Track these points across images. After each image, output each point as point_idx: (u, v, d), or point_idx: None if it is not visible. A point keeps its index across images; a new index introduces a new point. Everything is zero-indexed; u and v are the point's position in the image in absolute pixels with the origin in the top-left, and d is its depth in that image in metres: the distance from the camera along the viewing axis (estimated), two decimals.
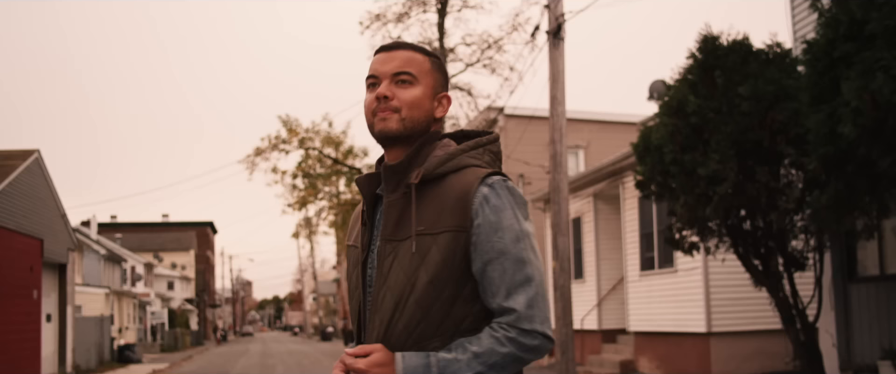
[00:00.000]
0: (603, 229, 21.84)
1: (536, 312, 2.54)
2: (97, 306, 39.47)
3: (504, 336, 2.51)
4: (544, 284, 2.59)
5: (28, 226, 23.61)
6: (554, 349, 17.08)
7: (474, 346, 2.51)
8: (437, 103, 2.75)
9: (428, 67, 2.73)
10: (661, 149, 11.52)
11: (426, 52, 2.76)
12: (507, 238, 2.56)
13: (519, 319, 2.52)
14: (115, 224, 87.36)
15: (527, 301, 2.53)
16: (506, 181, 2.63)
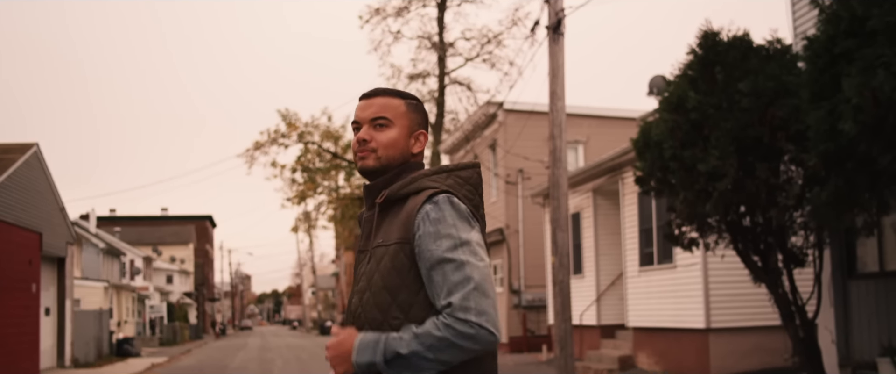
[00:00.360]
0: (602, 224, 21.83)
1: (472, 304, 2.74)
2: (96, 300, 39.44)
3: (441, 323, 2.74)
4: (487, 283, 2.79)
5: (27, 219, 23.59)
6: (553, 344, 17.08)
7: (416, 329, 2.77)
8: (413, 140, 3.10)
9: (403, 109, 3.09)
10: (661, 145, 11.50)
11: (403, 96, 3.11)
12: (445, 245, 2.82)
13: (454, 310, 2.74)
14: (114, 218, 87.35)
15: (462, 296, 2.75)
16: (450, 197, 2.89)
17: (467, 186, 3.03)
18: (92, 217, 60.37)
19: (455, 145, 35.45)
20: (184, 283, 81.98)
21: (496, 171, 30.38)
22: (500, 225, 29.84)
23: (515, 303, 29.22)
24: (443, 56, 38.74)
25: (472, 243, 2.85)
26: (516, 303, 29.19)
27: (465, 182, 3.03)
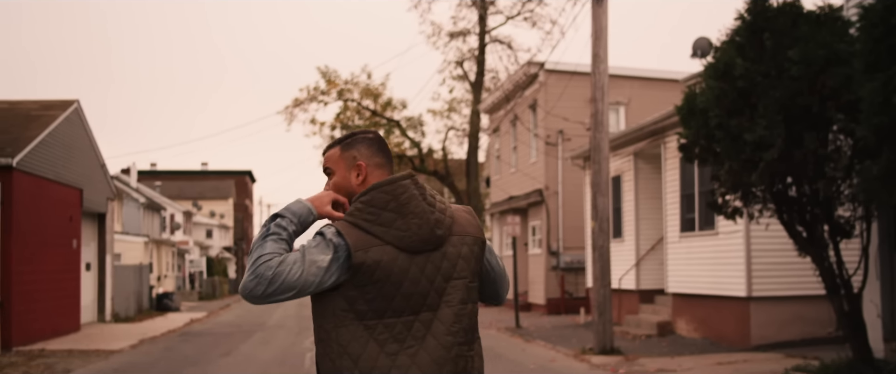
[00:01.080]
0: (643, 188, 21.57)
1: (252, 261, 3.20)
2: (136, 255, 39.79)
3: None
4: (283, 268, 3.15)
5: (67, 176, 23.72)
6: (591, 307, 16.95)
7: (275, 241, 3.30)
8: (354, 173, 3.46)
9: (338, 154, 3.50)
10: (707, 113, 11.23)
11: (338, 142, 3.53)
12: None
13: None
14: (154, 172, 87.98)
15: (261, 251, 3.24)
16: (323, 230, 3.31)
17: (368, 208, 3.27)
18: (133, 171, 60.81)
19: (495, 105, 35.19)
20: (223, 237, 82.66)
21: (536, 131, 30.12)
22: (539, 186, 29.63)
23: (553, 265, 29.08)
24: (484, 14, 38.37)
25: (305, 251, 3.23)
26: (554, 265, 29.06)
27: (366, 205, 3.28)
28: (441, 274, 3.27)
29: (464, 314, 3.29)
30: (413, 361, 3.18)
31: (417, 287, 3.21)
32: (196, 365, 16.31)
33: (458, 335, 3.26)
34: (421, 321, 3.22)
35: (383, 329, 3.18)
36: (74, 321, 24.39)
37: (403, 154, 44.87)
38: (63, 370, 16.08)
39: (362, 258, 3.15)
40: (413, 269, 3.21)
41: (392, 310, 3.18)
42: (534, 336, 20.58)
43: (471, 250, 3.36)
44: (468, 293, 3.32)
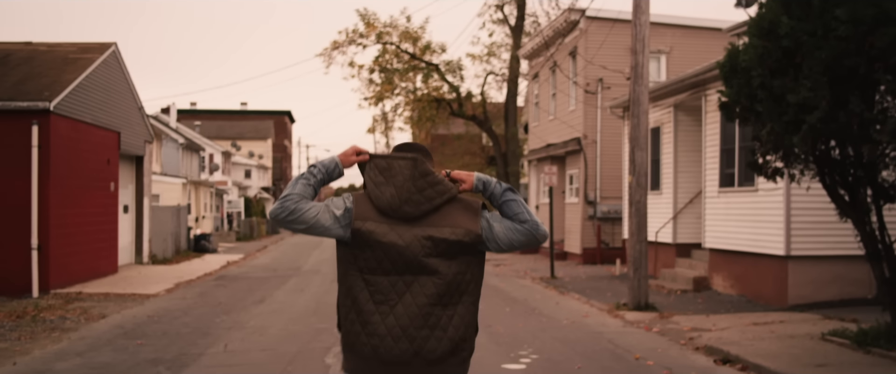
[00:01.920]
0: (682, 140, 21.24)
1: (283, 194, 4.35)
2: (174, 196, 40.03)
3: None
4: (302, 206, 4.25)
5: (105, 119, 23.76)
6: (627, 262, 16.77)
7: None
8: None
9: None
10: (749, 72, 10.91)
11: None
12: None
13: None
14: (194, 111, 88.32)
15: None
16: (347, 197, 4.34)
17: (374, 170, 4.34)
18: (172, 111, 61.03)
19: (534, 51, 34.77)
20: (262, 178, 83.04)
21: (575, 79, 29.73)
22: (577, 135, 29.33)
23: (590, 214, 28.87)
24: None
25: (328, 203, 4.34)
26: (591, 214, 28.85)
27: (373, 167, 4.35)
28: (424, 250, 4.15)
29: (442, 283, 4.15)
30: (391, 310, 4.12)
31: (402, 256, 4.14)
32: (229, 313, 16.35)
33: (432, 298, 4.14)
34: (404, 281, 4.14)
35: (374, 282, 4.16)
36: (112, 264, 24.59)
37: (442, 98, 44.63)
38: (98, 315, 16.19)
39: (360, 226, 4.17)
40: (398, 241, 4.15)
41: (381, 269, 4.15)
42: (568, 288, 20.47)
43: (459, 239, 4.20)
44: (449, 269, 4.17)
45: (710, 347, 11.81)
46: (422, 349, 4.11)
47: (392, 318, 4.11)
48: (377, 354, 4.12)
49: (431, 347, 4.12)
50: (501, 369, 10.57)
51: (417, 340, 4.10)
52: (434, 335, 4.12)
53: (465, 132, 57.08)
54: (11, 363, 11.22)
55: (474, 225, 4.23)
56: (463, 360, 4.27)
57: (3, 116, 19.49)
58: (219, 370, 10.62)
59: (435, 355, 4.13)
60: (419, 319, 4.11)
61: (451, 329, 4.15)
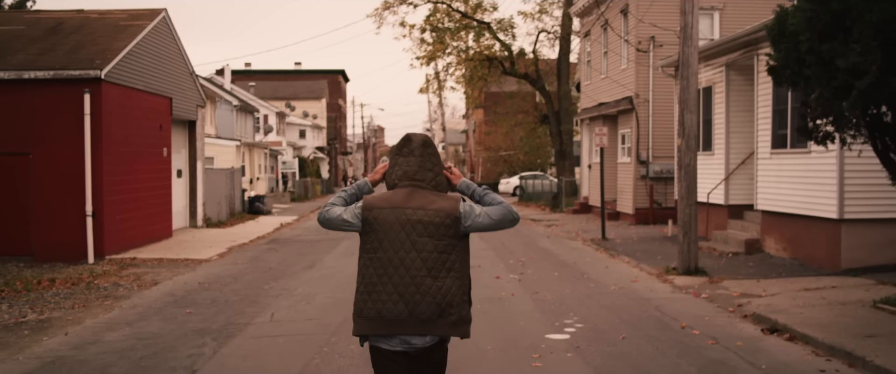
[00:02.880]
0: (734, 100, 20.89)
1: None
2: (228, 159, 40.36)
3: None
4: (332, 212, 5.42)
5: (156, 85, 23.96)
6: (678, 227, 16.61)
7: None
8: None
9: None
10: (797, 36, 10.66)
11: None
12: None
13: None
14: (248, 72, 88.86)
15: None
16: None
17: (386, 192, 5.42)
18: (227, 73, 61.45)
19: (586, 8, 34.36)
20: (316, 138, 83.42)
21: (627, 37, 29.35)
22: (629, 94, 29.01)
23: (642, 174, 28.62)
24: None
25: (353, 207, 5.43)
26: (643, 174, 28.60)
27: (387, 189, 5.49)
28: (415, 231, 5.19)
29: (429, 258, 5.17)
30: (390, 280, 5.15)
31: (397, 238, 5.19)
32: (278, 279, 16.49)
33: (421, 270, 5.15)
34: (398, 258, 5.17)
35: (376, 259, 5.21)
36: (166, 228, 24.91)
37: (493, 57, 44.33)
38: (151, 282, 16.42)
39: (367, 215, 5.27)
40: (395, 224, 5.20)
41: (382, 249, 5.20)
42: (618, 251, 20.34)
43: (442, 221, 5.22)
44: (435, 247, 5.19)
45: (758, 315, 11.67)
46: (414, 310, 5.12)
47: (390, 286, 5.14)
48: (380, 315, 5.14)
49: (422, 309, 5.12)
50: (545, 338, 10.54)
51: (411, 303, 5.12)
52: (425, 299, 5.13)
53: (518, 90, 56.72)
54: (64, 334, 11.43)
55: (454, 209, 5.26)
56: (454, 323, 5.19)
57: (56, 84, 19.74)
58: (263, 340, 10.71)
59: (425, 315, 5.13)
60: (412, 286, 5.13)
61: (438, 296, 5.15)
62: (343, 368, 9.14)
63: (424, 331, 5.13)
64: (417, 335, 5.15)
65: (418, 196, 5.29)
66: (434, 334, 5.17)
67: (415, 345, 5.16)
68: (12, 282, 16.18)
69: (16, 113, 19.88)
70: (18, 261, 19.71)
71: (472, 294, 5.46)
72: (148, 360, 9.69)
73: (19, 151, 19.90)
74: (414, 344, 5.16)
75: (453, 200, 5.33)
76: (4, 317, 12.74)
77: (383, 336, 5.17)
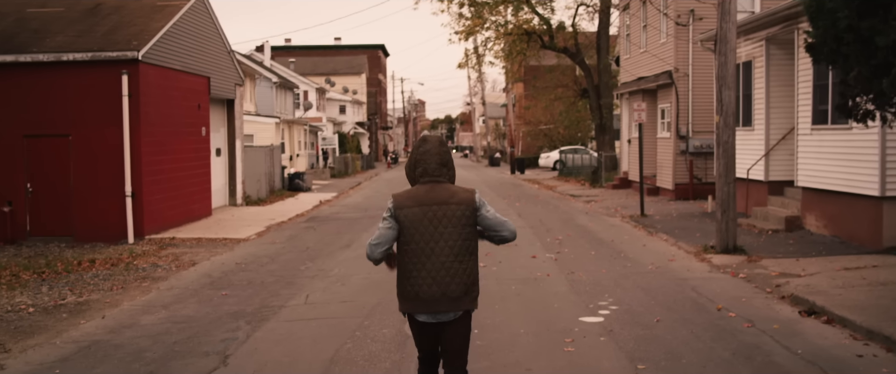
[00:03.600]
0: (774, 75, 20.58)
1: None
2: (268, 136, 40.52)
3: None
4: (372, 239, 6.08)
5: (194, 65, 24.05)
6: (716, 205, 16.43)
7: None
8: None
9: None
10: (836, 13, 10.44)
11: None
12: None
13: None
14: (288, 47, 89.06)
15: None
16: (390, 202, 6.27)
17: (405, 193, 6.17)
18: (266, 49, 61.58)
19: None
20: (356, 113, 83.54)
21: (666, 11, 29.00)
22: (668, 68, 28.70)
23: (682, 149, 28.35)
24: None
25: (381, 220, 6.09)
26: (683, 149, 28.32)
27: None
28: (441, 223, 5.98)
29: (455, 245, 5.99)
30: (423, 267, 5.96)
31: (426, 230, 5.97)
32: (315, 259, 16.55)
33: (449, 256, 5.97)
34: (429, 247, 5.96)
35: (410, 251, 6.00)
36: (206, 207, 25.08)
37: (532, 31, 44.04)
38: (189, 262, 16.55)
39: (398, 213, 6.01)
40: (423, 219, 5.97)
41: (414, 241, 5.97)
42: (657, 228, 20.18)
43: (462, 212, 6.02)
44: (459, 234, 6.00)
45: (795, 296, 11.51)
46: (446, 290, 5.98)
47: (424, 272, 5.96)
48: (418, 296, 5.98)
49: (452, 289, 5.99)
50: (579, 322, 10.48)
51: (443, 284, 5.97)
52: (454, 281, 5.98)
53: (558, 64, 56.33)
54: (101, 317, 11.54)
55: (472, 200, 6.06)
56: (473, 298, 6.12)
57: (95, 66, 19.89)
58: (297, 324, 10.74)
59: (455, 294, 5.99)
60: (443, 271, 5.96)
61: (464, 276, 6.02)
62: (375, 353, 9.14)
63: (456, 308, 6.00)
64: (448, 312, 6.01)
65: (439, 190, 6.05)
66: (462, 309, 6.05)
67: (446, 319, 6.04)
68: (53, 263, 16.38)
69: (55, 95, 20.07)
70: (60, 241, 19.96)
71: (508, 274, 7.47)
72: (182, 345, 9.75)
73: (59, 132, 20.11)
74: (445, 319, 6.04)
75: (470, 191, 6.11)
76: (44, 299, 12.90)
77: (418, 311, 6.05)
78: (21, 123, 20.11)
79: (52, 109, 20.10)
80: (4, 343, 10.12)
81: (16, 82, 20.11)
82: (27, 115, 20.12)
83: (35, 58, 19.93)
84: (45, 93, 20.08)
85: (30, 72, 20.04)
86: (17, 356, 9.49)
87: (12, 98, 20.14)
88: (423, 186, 6.07)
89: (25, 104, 20.13)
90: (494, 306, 11.50)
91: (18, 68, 20.03)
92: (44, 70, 20.01)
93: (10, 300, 12.84)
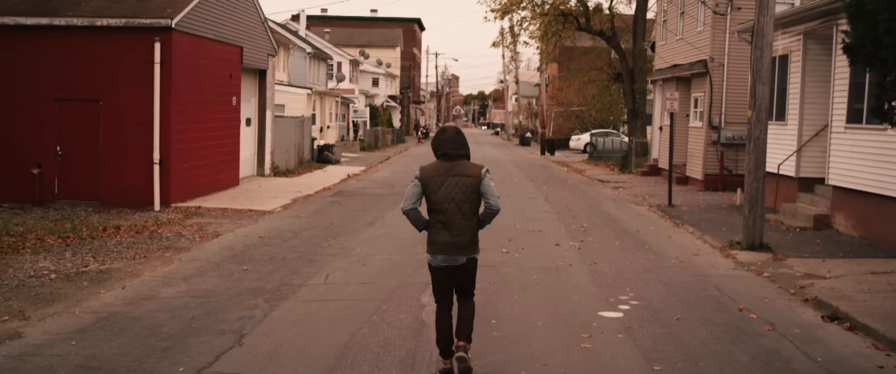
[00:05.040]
0: (811, 70, 20.30)
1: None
2: (299, 107, 40.56)
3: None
4: (405, 192, 8.00)
5: (227, 34, 24.04)
6: (744, 200, 16.26)
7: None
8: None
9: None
10: (875, 15, 10.25)
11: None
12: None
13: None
14: (324, 17, 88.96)
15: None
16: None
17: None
18: (302, 19, 61.56)
19: None
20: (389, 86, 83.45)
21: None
22: (703, 57, 28.41)
23: (713, 140, 28.09)
24: None
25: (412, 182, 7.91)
26: (714, 140, 28.07)
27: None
28: (457, 191, 7.78)
29: (464, 207, 7.80)
30: (444, 227, 7.81)
31: (446, 197, 7.77)
32: (338, 237, 16.54)
33: (465, 219, 7.82)
34: (450, 212, 7.79)
35: (435, 213, 7.84)
36: (234, 177, 25.14)
37: (568, 12, 43.79)
38: (213, 233, 16.60)
39: (424, 181, 7.83)
40: (443, 187, 7.78)
41: (438, 205, 7.81)
42: (683, 220, 20.02)
43: (469, 183, 7.80)
44: (467, 199, 7.81)
45: (819, 299, 11.37)
46: (458, 239, 7.85)
47: (441, 226, 7.86)
48: (436, 243, 7.89)
49: (462, 239, 7.86)
50: (598, 316, 10.39)
51: (455, 235, 7.83)
52: (464, 233, 7.85)
53: (593, 46, 56.02)
54: (121, 287, 11.59)
55: (479, 175, 7.85)
56: (476, 246, 8.00)
57: (127, 32, 19.92)
58: (315, 305, 10.73)
59: (463, 243, 7.87)
60: (456, 227, 7.83)
61: (470, 231, 7.91)
62: (390, 340, 9.11)
63: (464, 254, 7.90)
64: (459, 257, 7.88)
65: (457, 166, 7.86)
66: (468, 255, 7.93)
67: (456, 262, 7.91)
68: (79, 228, 16.47)
69: (88, 60, 20.14)
70: (87, 205, 20.08)
71: (530, 262, 11.61)
72: (198, 321, 9.76)
73: (91, 97, 20.18)
74: (455, 262, 7.90)
75: (478, 167, 7.92)
76: (67, 265, 12.97)
77: (436, 256, 7.90)
78: (53, 87, 20.20)
79: (84, 74, 20.16)
80: (24, 310, 10.18)
81: (49, 46, 20.18)
82: (59, 78, 20.20)
83: (69, 22, 19.99)
84: (77, 57, 20.14)
85: (63, 36, 20.11)
86: (36, 325, 9.54)
87: (45, 61, 20.22)
88: (445, 162, 7.88)
89: (57, 68, 20.21)
90: (514, 296, 11.44)
91: (52, 32, 20.10)
92: (77, 34, 20.07)
93: (33, 265, 12.92)
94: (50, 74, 20.20)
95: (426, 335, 9.20)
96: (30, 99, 20.21)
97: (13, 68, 20.30)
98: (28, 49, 20.19)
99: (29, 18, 20.10)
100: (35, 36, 20.13)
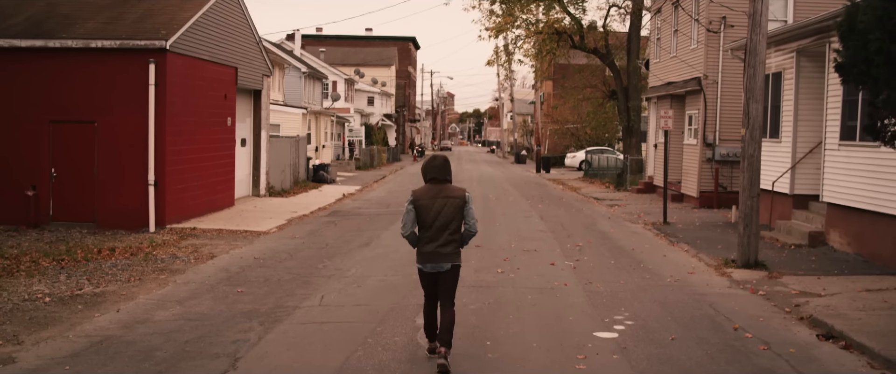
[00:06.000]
0: (804, 87, 20.35)
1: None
2: (295, 126, 40.57)
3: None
4: (402, 220, 9.34)
5: (222, 55, 24.08)
6: (739, 218, 16.27)
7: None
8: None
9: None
10: (867, 35, 10.29)
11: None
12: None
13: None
14: (319, 36, 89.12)
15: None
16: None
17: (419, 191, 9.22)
18: (297, 39, 61.66)
19: None
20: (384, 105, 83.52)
21: (697, 17, 28.78)
22: (697, 74, 28.48)
23: (708, 157, 28.13)
24: None
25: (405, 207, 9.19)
26: (709, 157, 28.11)
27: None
28: (444, 212, 8.98)
29: (449, 225, 9.00)
30: (429, 237, 9.02)
31: (435, 217, 8.98)
32: (333, 257, 16.52)
33: (449, 236, 9.01)
34: (437, 229, 8.99)
35: (426, 230, 9.05)
36: (229, 197, 25.13)
37: (563, 30, 43.85)
38: (208, 255, 16.58)
39: (416, 203, 9.03)
40: (433, 207, 8.97)
41: (427, 224, 9.01)
42: (678, 238, 20.04)
43: (455, 204, 9.01)
44: (453, 218, 9.00)
45: (814, 318, 11.37)
46: (444, 250, 9.00)
47: (429, 240, 9.02)
48: (423, 254, 9.05)
49: (447, 249, 9.02)
50: (592, 337, 10.38)
51: (440, 246, 8.99)
52: (447, 245, 9.00)
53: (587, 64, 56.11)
54: (115, 310, 11.56)
55: (463, 196, 9.09)
56: (459, 255, 9.15)
57: (122, 54, 19.96)
58: (310, 327, 10.72)
59: (448, 252, 9.01)
60: (441, 240, 9.00)
61: (455, 244, 9.07)
62: (385, 363, 9.09)
63: (448, 261, 9.02)
64: (444, 263, 9.01)
65: (445, 189, 9.07)
66: (452, 262, 9.04)
67: (441, 269, 9.04)
68: (73, 250, 16.45)
69: (82, 81, 20.16)
70: (82, 227, 20.06)
71: (525, 282, 13.55)
72: (193, 344, 9.75)
73: (85, 118, 20.20)
74: (440, 269, 9.04)
75: (462, 190, 9.18)
76: (62, 288, 12.94)
77: (425, 264, 9.05)
78: (47, 108, 20.22)
79: (79, 96, 20.19)
80: (18, 335, 10.15)
81: (43, 67, 20.21)
82: (54, 100, 20.22)
83: (64, 44, 20.04)
84: (72, 79, 20.17)
85: (58, 57, 20.14)
86: (29, 349, 9.52)
87: (40, 83, 20.25)
88: (433, 185, 9.08)
89: (52, 90, 20.23)
90: (509, 317, 11.43)
91: (47, 53, 20.14)
92: (72, 56, 20.11)
93: (27, 288, 12.90)
94: (45, 96, 20.22)
95: (422, 358, 9.19)
96: (25, 120, 20.23)
97: (8, 90, 20.32)
98: (23, 71, 20.23)
99: (24, 40, 20.14)
100: (30, 58, 20.17)
